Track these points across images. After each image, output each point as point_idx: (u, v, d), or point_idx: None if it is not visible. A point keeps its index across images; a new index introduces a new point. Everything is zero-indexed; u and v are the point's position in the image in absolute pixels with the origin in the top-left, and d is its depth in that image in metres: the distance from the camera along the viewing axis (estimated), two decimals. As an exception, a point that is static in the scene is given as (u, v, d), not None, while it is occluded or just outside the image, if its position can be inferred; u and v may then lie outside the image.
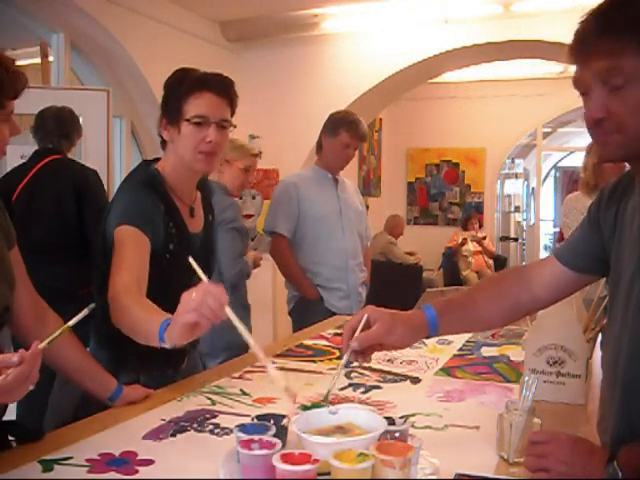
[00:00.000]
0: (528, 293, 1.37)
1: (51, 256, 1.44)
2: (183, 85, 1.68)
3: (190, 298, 1.20)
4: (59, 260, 2.57)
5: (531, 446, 1.09)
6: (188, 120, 1.66)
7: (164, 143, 1.77)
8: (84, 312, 1.18)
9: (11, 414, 1.43)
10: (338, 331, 2.39)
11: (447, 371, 1.86)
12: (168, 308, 1.43)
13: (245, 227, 3.17)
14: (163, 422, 1.40)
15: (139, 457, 1.21)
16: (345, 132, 3.12)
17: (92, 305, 1.20)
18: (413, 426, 1.30)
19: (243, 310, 3.03)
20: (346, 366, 1.27)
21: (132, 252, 1.56)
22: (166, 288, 1.57)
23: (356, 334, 1.30)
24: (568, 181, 12.98)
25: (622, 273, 1.14)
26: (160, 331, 1.30)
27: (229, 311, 1.19)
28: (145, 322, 1.39)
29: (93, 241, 2.87)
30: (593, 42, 1.03)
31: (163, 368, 1.76)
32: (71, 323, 1.18)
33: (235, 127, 1.78)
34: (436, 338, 2.24)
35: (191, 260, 1.29)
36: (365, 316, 1.31)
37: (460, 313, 1.38)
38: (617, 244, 1.18)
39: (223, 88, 1.71)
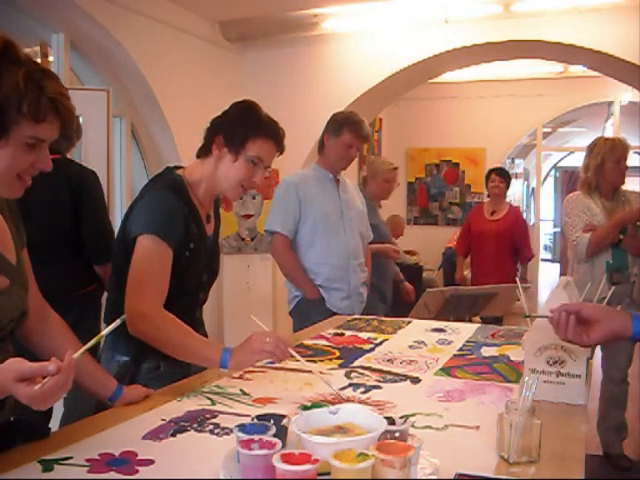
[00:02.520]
0: None
1: (44, 256, 1.44)
2: (257, 125, 1.80)
3: (264, 341, 1.61)
4: (52, 260, 2.55)
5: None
6: (248, 157, 1.79)
7: (205, 152, 1.84)
8: (117, 322, 1.26)
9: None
10: (338, 331, 2.40)
11: (447, 371, 1.86)
12: (179, 299, 1.76)
13: None
14: (163, 422, 1.40)
15: (139, 457, 1.21)
16: (348, 132, 3.11)
17: (124, 316, 1.33)
18: (413, 426, 1.30)
19: None
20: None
21: (158, 267, 1.71)
22: (180, 281, 1.76)
23: None
24: (568, 181, 12.97)
25: None
26: (223, 361, 1.63)
27: (292, 351, 1.61)
28: (197, 347, 1.68)
29: (88, 242, 2.87)
30: None
31: None
32: (105, 332, 1.25)
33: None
34: (436, 338, 2.27)
35: (253, 317, 1.70)
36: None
37: None
38: None
39: (282, 142, 1.86)
